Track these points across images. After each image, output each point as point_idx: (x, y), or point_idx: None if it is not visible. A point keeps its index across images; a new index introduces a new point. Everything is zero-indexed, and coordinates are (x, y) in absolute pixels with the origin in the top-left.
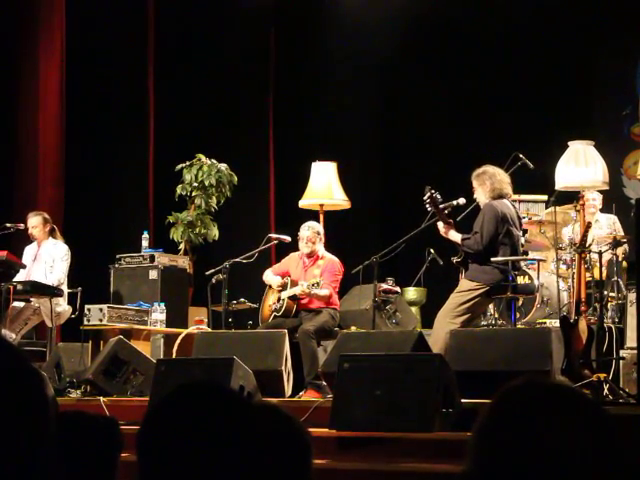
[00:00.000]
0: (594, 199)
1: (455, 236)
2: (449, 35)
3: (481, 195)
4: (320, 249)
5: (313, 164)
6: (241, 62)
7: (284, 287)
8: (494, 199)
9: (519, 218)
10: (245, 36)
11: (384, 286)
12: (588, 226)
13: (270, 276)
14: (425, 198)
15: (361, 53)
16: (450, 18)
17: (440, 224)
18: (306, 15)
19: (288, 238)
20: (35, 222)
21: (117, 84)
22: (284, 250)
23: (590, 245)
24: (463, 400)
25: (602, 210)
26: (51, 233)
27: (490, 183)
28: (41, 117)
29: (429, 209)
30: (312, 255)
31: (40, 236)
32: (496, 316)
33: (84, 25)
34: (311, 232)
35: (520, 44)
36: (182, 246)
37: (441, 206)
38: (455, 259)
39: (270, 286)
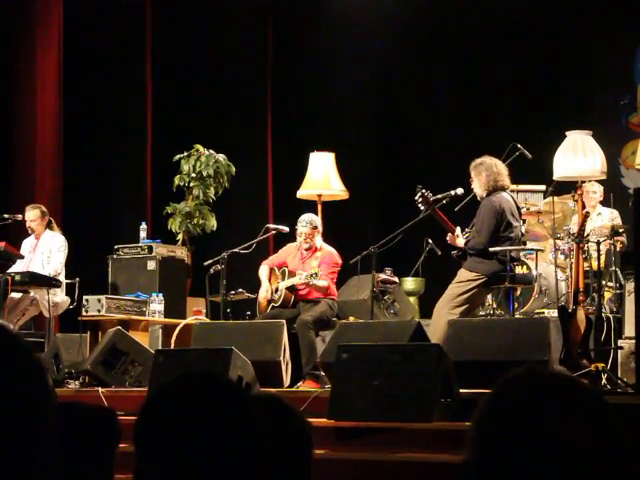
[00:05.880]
0: (594, 192)
1: (460, 242)
2: (447, 25)
3: (477, 187)
4: (318, 241)
5: (311, 154)
6: (239, 53)
7: (271, 299)
8: (490, 192)
9: (519, 209)
10: (244, 27)
11: (382, 276)
12: (586, 216)
13: (263, 277)
14: (417, 198)
15: (360, 42)
16: (448, 6)
17: (448, 235)
18: (305, 7)
19: (286, 228)
20: (33, 216)
21: (115, 76)
22: (282, 240)
23: (588, 235)
24: (462, 390)
25: (603, 203)
26: (48, 225)
27: (486, 175)
28: (39, 109)
29: (422, 208)
30: (310, 247)
31: (39, 229)
32: (494, 306)
33: (82, 17)
34: (308, 228)
35: (518, 34)
36: (180, 237)
37: (437, 197)
38: (455, 253)
39: (270, 275)
